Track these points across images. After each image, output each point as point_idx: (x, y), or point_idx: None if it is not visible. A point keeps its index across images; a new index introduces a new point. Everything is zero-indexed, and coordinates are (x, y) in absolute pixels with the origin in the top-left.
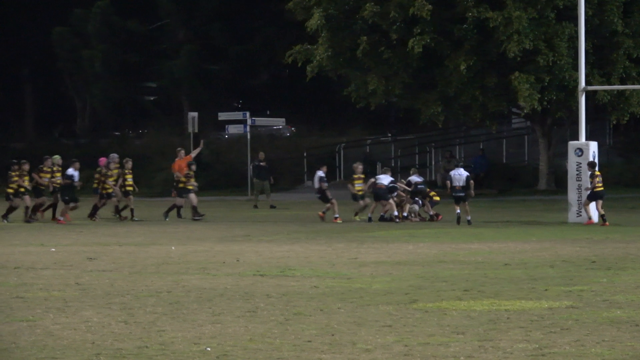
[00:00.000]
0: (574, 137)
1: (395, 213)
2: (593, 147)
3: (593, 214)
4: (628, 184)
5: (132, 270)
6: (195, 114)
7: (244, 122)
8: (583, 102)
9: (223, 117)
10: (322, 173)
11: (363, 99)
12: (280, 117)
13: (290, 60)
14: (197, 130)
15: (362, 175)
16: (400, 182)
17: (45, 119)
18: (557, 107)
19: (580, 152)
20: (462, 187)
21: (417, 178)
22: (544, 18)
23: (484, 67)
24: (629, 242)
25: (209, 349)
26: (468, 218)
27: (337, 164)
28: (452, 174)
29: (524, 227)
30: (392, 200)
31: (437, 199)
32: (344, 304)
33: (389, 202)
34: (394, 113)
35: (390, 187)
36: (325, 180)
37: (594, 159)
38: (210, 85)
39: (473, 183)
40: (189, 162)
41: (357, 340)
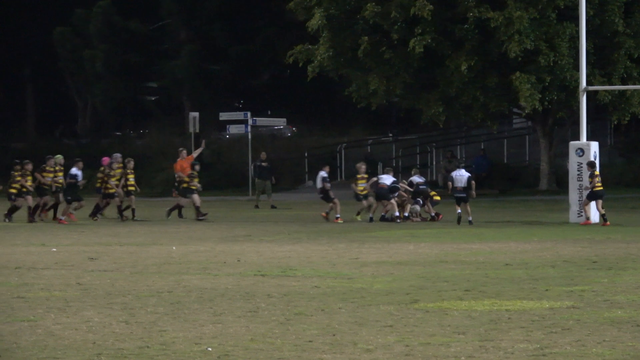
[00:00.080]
0: (575, 137)
1: (397, 213)
2: (594, 147)
3: (592, 214)
4: (629, 184)
5: (133, 270)
6: (197, 114)
7: (245, 122)
8: (584, 102)
9: (224, 117)
10: (324, 173)
11: (364, 99)
12: (282, 117)
13: (292, 60)
14: (198, 131)
15: (365, 175)
16: (402, 182)
17: (47, 119)
18: (558, 107)
19: (581, 152)
20: (463, 187)
21: (418, 178)
22: (545, 18)
23: (485, 67)
24: (630, 242)
25: (210, 349)
26: (469, 218)
27: (338, 164)
28: (453, 175)
29: (525, 227)
30: (393, 201)
31: (437, 199)
32: (345, 304)
33: (390, 202)
34: (395, 113)
35: (392, 187)
36: (328, 180)
37: (595, 159)
38: (212, 85)
39: (474, 184)
40: (193, 162)
41: (358, 340)
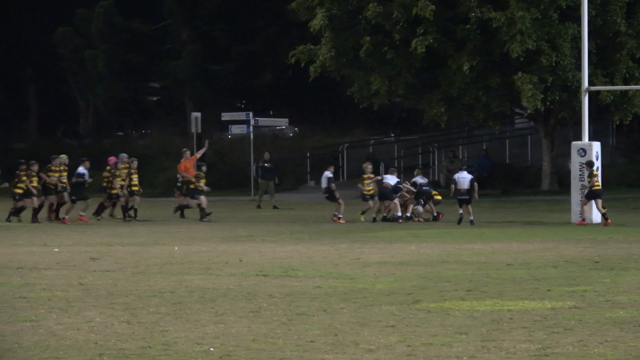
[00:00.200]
0: (577, 137)
1: (399, 213)
2: (596, 147)
3: (591, 215)
4: (631, 184)
5: (135, 271)
6: (199, 114)
7: (247, 122)
8: (586, 102)
9: (226, 117)
10: (330, 173)
11: (366, 99)
12: (284, 117)
13: (294, 61)
14: (200, 131)
15: (371, 175)
16: (405, 183)
17: (48, 119)
18: (560, 107)
19: (584, 152)
20: (466, 190)
21: (421, 179)
22: (547, 18)
23: (487, 67)
24: (632, 242)
25: (212, 349)
26: (471, 218)
27: (340, 164)
28: (456, 178)
29: (527, 227)
30: (396, 201)
31: (439, 198)
32: (347, 304)
33: (393, 202)
34: (397, 113)
35: (395, 187)
36: (334, 180)
37: (597, 160)
38: (213, 86)
39: (477, 186)
40: (200, 163)
41: (360, 341)
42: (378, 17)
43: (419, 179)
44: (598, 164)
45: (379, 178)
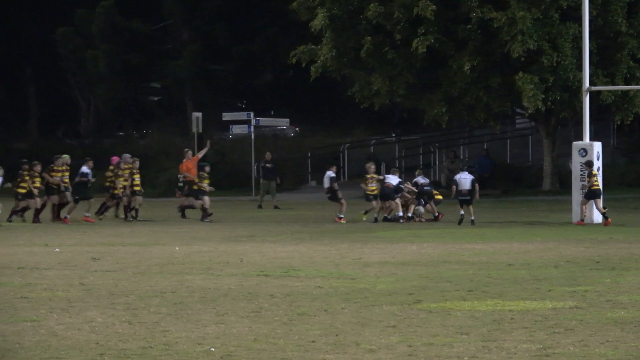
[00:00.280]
0: (578, 137)
1: (400, 214)
2: (597, 147)
3: (591, 215)
4: (632, 185)
5: (136, 271)
6: (199, 115)
7: (248, 122)
8: (587, 102)
9: (227, 117)
10: (332, 173)
11: (367, 99)
12: (284, 117)
13: (294, 61)
14: (201, 131)
15: (374, 175)
16: (406, 184)
17: (49, 119)
18: (561, 107)
19: (585, 152)
20: (468, 190)
21: (422, 179)
22: (548, 18)
23: (488, 67)
24: (633, 242)
25: (213, 349)
26: (472, 218)
27: (341, 164)
28: (457, 179)
29: (528, 227)
30: (397, 201)
31: (439, 198)
32: (348, 304)
33: (394, 202)
34: (398, 113)
35: (396, 187)
36: (336, 180)
37: (598, 160)
38: (214, 86)
39: (478, 187)
40: (203, 163)
41: (361, 341)
42: (379, 17)
43: (421, 179)
44: (599, 164)
45: (381, 178)
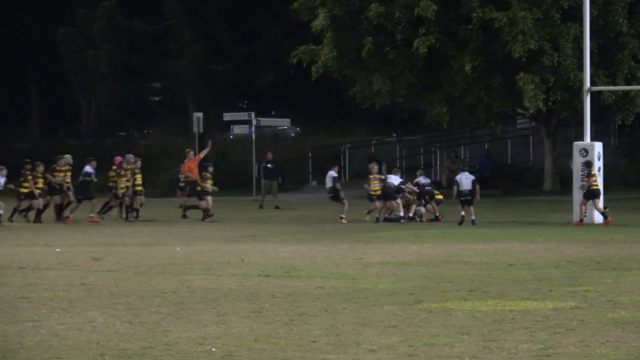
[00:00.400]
0: (579, 137)
1: (401, 214)
2: (598, 147)
3: (592, 215)
4: (633, 185)
5: (137, 271)
6: (200, 115)
7: (249, 122)
8: (588, 102)
9: (228, 117)
10: (334, 173)
11: (368, 99)
12: (285, 117)
13: (295, 61)
14: (202, 131)
15: (377, 175)
16: (408, 184)
17: (50, 119)
18: (562, 107)
19: (586, 152)
20: (469, 190)
21: (424, 180)
22: (549, 18)
23: (489, 67)
24: (634, 242)
25: (214, 350)
26: (472, 218)
27: (342, 165)
28: (458, 179)
29: (529, 227)
30: (398, 201)
31: (440, 197)
32: (349, 305)
33: (395, 202)
34: (399, 113)
35: (398, 188)
36: (339, 180)
37: (599, 160)
38: (215, 86)
39: (479, 187)
40: (206, 164)
41: (361, 341)
42: (380, 17)
43: (422, 179)
44: (600, 164)
45: (382, 177)
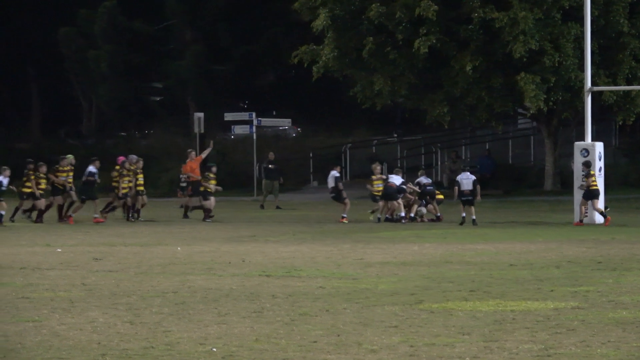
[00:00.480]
0: (580, 137)
1: (402, 214)
2: (599, 147)
3: (593, 216)
4: (634, 185)
5: (138, 271)
6: (201, 115)
7: (250, 122)
8: (589, 102)
9: (229, 117)
10: (337, 173)
11: (369, 100)
12: (286, 117)
13: (296, 61)
14: (203, 131)
15: (380, 176)
16: (409, 185)
17: (51, 120)
18: (563, 107)
19: (586, 152)
20: (470, 191)
21: (425, 179)
22: (550, 18)
23: (490, 67)
24: (635, 242)
25: (215, 350)
26: (473, 217)
27: (343, 165)
28: (459, 179)
29: (530, 227)
30: (399, 201)
31: (440, 197)
32: (350, 305)
33: (396, 202)
34: (400, 113)
35: (399, 188)
36: (341, 180)
37: (600, 160)
38: (216, 86)
39: (479, 187)
40: (210, 164)
41: (362, 341)
42: (381, 17)
43: (423, 179)
44: (601, 165)
45: (384, 177)
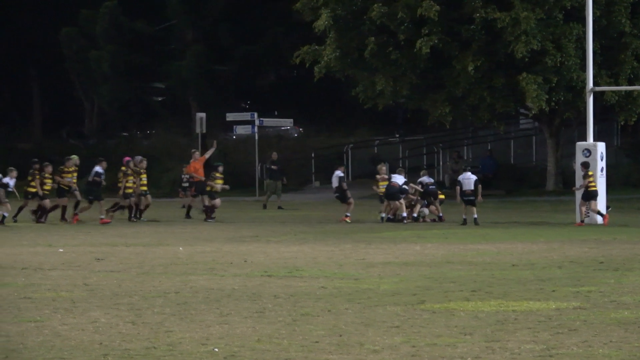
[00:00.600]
0: (582, 137)
1: (404, 214)
2: (601, 147)
3: (595, 216)
4: (635, 185)
5: (140, 271)
6: (203, 115)
7: (252, 122)
8: (591, 102)
9: (231, 117)
10: (341, 172)
11: (371, 100)
12: (288, 117)
13: (298, 61)
14: (204, 131)
15: (385, 176)
16: (411, 185)
17: (53, 120)
18: (564, 107)
19: (588, 152)
20: (472, 191)
21: (428, 179)
22: (552, 19)
23: (492, 67)
24: (637, 242)
25: (217, 350)
26: (474, 217)
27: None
28: (461, 179)
29: (532, 227)
30: (401, 201)
31: (442, 197)
32: (352, 305)
33: (398, 202)
34: (402, 114)
35: (401, 188)
36: (345, 180)
37: (602, 160)
38: (218, 86)
39: (481, 187)
40: (216, 163)
41: (364, 341)
42: (383, 17)
43: (426, 179)
44: (603, 165)
45: (386, 177)
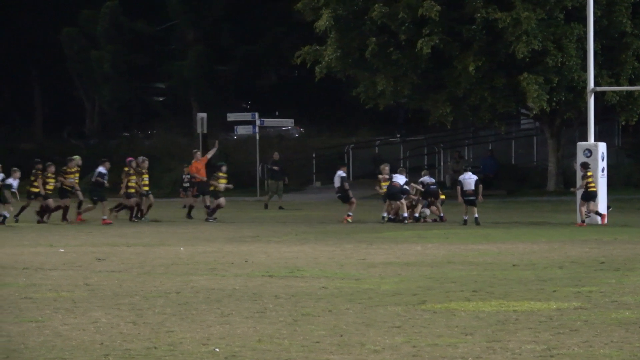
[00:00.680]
0: (583, 137)
1: (405, 214)
2: (602, 148)
3: (594, 216)
4: (636, 185)
5: (141, 271)
6: (204, 115)
7: (253, 122)
8: (592, 102)
9: (232, 117)
10: (343, 173)
11: (372, 100)
12: (289, 117)
13: (299, 61)
14: (205, 131)
15: (387, 176)
16: (412, 184)
17: (54, 120)
18: (565, 107)
19: (589, 152)
20: (473, 191)
21: (429, 179)
22: (553, 19)
23: (493, 68)
24: (638, 243)
25: (218, 350)
26: (476, 216)
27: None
28: (462, 179)
29: (533, 227)
30: (403, 201)
31: (442, 197)
32: (353, 305)
33: (399, 202)
34: (403, 114)
35: (403, 188)
36: (347, 180)
37: (603, 160)
38: (219, 86)
39: (481, 187)
40: (220, 163)
41: (365, 341)
42: (384, 17)
43: (427, 179)
44: (604, 165)
45: (387, 177)
